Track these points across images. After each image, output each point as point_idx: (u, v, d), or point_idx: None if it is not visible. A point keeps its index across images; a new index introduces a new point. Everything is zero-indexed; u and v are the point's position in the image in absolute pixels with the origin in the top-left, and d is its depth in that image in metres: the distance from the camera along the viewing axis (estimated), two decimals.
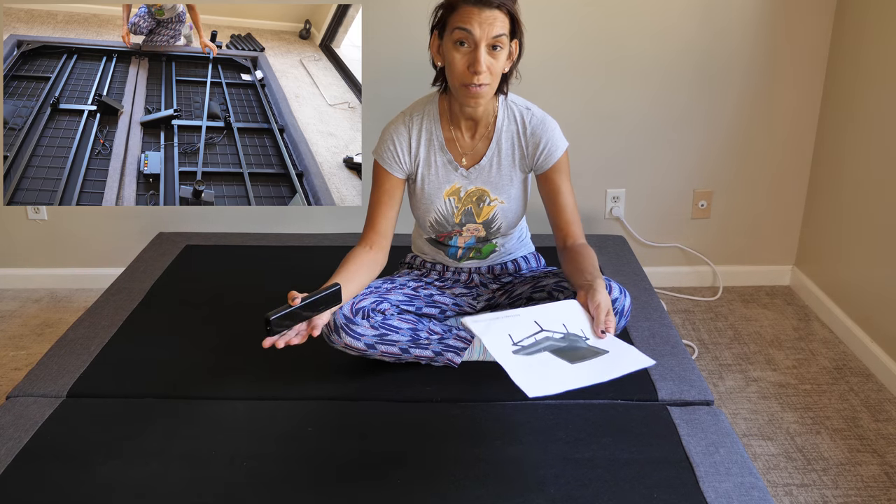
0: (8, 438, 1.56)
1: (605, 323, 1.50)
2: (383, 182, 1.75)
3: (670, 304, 2.89)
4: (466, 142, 1.74)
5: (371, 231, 1.75)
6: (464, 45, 1.55)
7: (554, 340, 1.49)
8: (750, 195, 2.93)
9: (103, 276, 3.02)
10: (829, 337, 2.65)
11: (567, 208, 1.75)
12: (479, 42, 1.53)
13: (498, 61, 1.57)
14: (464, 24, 1.53)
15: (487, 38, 1.53)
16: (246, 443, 1.54)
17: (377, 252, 1.74)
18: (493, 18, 1.52)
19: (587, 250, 1.69)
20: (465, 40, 1.54)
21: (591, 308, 1.52)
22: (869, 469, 1.99)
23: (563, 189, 1.74)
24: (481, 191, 1.75)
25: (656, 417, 1.62)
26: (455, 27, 1.54)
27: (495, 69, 1.57)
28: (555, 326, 1.52)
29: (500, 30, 1.54)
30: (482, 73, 1.55)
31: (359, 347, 1.70)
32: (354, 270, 1.66)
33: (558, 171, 1.73)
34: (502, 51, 1.57)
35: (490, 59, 1.55)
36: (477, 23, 1.52)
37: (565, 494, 1.39)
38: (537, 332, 1.51)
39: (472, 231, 1.78)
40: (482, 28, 1.52)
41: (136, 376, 1.78)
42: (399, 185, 1.75)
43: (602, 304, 1.51)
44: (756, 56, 2.73)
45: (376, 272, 1.73)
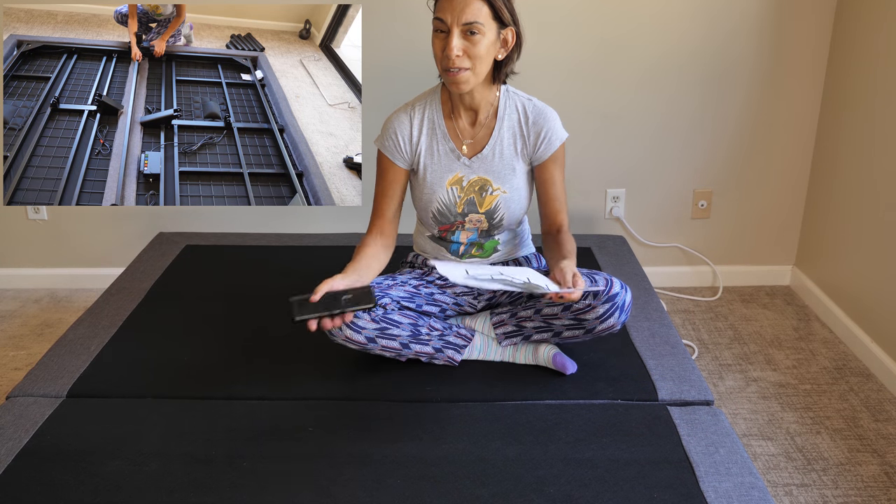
0: (8, 438, 1.56)
1: (573, 282, 1.54)
2: (387, 171, 1.80)
3: (670, 304, 2.89)
4: (468, 131, 1.77)
5: (379, 218, 1.81)
6: (441, 32, 1.63)
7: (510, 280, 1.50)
8: (750, 195, 2.93)
9: (103, 276, 3.02)
10: (829, 337, 2.65)
11: (557, 198, 1.81)
12: (451, 27, 1.60)
13: (476, 46, 1.61)
14: (438, 12, 1.62)
15: (459, 24, 1.59)
16: (246, 443, 1.54)
17: (387, 237, 1.81)
18: (464, 4, 1.59)
19: (568, 237, 1.76)
20: (441, 27, 1.62)
21: (556, 274, 1.58)
22: (869, 469, 1.99)
23: (556, 179, 1.79)
24: (483, 180, 1.77)
25: (656, 417, 1.62)
26: (434, 16, 1.63)
27: (473, 54, 1.62)
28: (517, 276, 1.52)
29: (472, 16, 1.59)
30: (455, 58, 1.60)
31: (359, 341, 1.70)
32: (367, 261, 1.72)
33: (554, 160, 1.78)
34: (481, 37, 1.61)
35: (465, 43, 1.61)
36: (448, 10, 1.60)
37: (565, 494, 1.40)
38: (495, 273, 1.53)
39: (475, 222, 1.79)
40: (453, 14, 1.59)
41: (136, 376, 1.78)
42: (403, 174, 1.80)
43: (566, 268, 1.57)
44: (756, 56, 2.73)
45: (388, 257, 1.81)
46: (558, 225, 1.80)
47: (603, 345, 1.87)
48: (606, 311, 1.67)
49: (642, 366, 1.80)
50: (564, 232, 1.78)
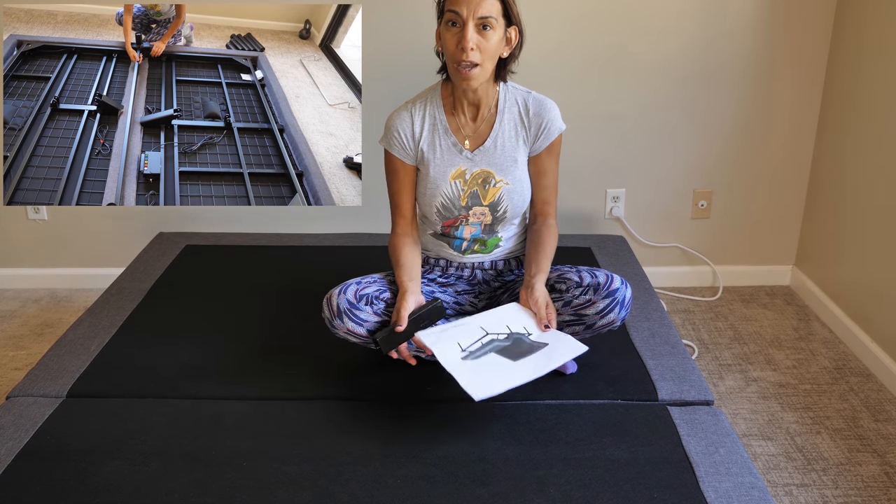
0: (8, 438, 1.56)
1: (547, 316, 1.66)
2: (397, 169, 1.82)
3: (670, 304, 2.89)
4: (469, 125, 1.78)
5: (401, 217, 1.85)
6: (455, 26, 1.63)
7: (499, 341, 1.64)
8: (750, 195, 2.93)
9: (103, 276, 3.02)
10: (829, 337, 2.65)
11: (548, 188, 1.84)
12: (466, 21, 1.61)
13: (489, 42, 1.63)
14: (452, 5, 1.62)
15: (474, 18, 1.60)
16: (246, 443, 1.54)
17: (413, 232, 1.86)
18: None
19: (550, 234, 1.81)
20: (455, 20, 1.62)
21: (531, 305, 1.68)
22: (869, 469, 1.99)
23: (549, 170, 1.82)
24: (486, 172, 1.78)
25: (656, 417, 1.62)
26: (447, 9, 1.64)
27: (485, 48, 1.63)
28: (499, 329, 1.66)
29: (487, 11, 1.60)
30: (470, 51, 1.61)
31: (361, 333, 1.71)
32: (412, 262, 1.78)
33: (550, 151, 1.80)
34: (493, 32, 1.62)
35: (479, 37, 1.62)
36: (465, 3, 1.60)
37: (565, 494, 1.40)
38: (483, 337, 1.64)
39: (479, 216, 1.80)
40: (469, 7, 1.60)
41: (136, 376, 1.78)
42: (412, 170, 1.82)
43: (540, 299, 1.67)
44: (756, 56, 2.73)
45: (420, 251, 1.87)
46: (545, 215, 1.85)
47: (603, 345, 1.87)
48: (607, 306, 1.68)
49: (642, 366, 1.81)
50: (550, 225, 1.83)
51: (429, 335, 1.64)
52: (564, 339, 1.65)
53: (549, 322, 1.66)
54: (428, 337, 1.63)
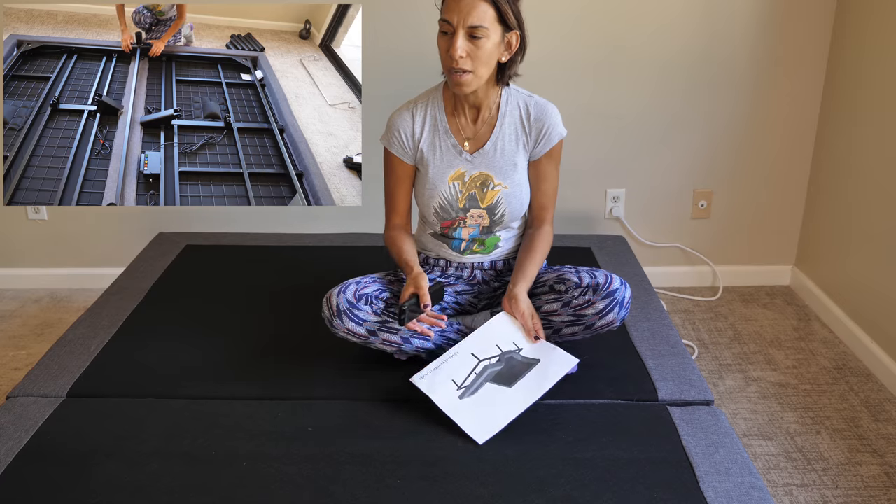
0: (8, 438, 1.56)
1: (534, 327, 1.68)
2: (395, 168, 1.83)
3: (670, 304, 2.89)
4: (469, 127, 1.79)
5: (395, 214, 1.87)
6: (447, 34, 1.64)
7: (492, 367, 1.66)
8: (750, 195, 2.93)
9: (103, 276, 3.02)
10: (829, 337, 2.65)
11: (546, 194, 1.84)
12: (456, 29, 1.62)
13: (480, 49, 1.63)
14: (444, 13, 1.63)
15: (464, 26, 1.61)
16: (246, 443, 1.54)
17: (407, 226, 1.89)
18: (470, 7, 1.60)
19: (543, 241, 1.81)
20: (447, 29, 1.64)
21: (517, 317, 1.70)
22: (869, 469, 1.99)
23: (549, 175, 1.82)
24: (485, 175, 1.78)
25: (656, 417, 1.62)
26: (440, 17, 1.65)
27: (477, 56, 1.63)
28: (490, 351, 1.68)
29: (477, 19, 1.60)
30: (459, 59, 1.62)
31: (360, 333, 1.71)
32: (412, 249, 1.81)
33: (550, 156, 1.80)
34: (485, 40, 1.62)
35: (470, 45, 1.62)
36: (455, 11, 1.61)
37: (565, 494, 1.40)
38: (476, 366, 1.65)
39: (477, 218, 1.80)
40: (459, 16, 1.61)
41: (136, 376, 1.78)
42: (410, 170, 1.83)
43: (525, 310, 1.69)
44: (756, 56, 2.73)
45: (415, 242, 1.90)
46: (541, 220, 1.85)
47: (603, 345, 1.87)
48: (606, 306, 1.68)
49: (642, 366, 1.81)
50: (544, 232, 1.84)
51: (423, 379, 1.63)
52: (554, 351, 1.68)
53: (538, 332, 1.69)
54: (422, 382, 1.63)
